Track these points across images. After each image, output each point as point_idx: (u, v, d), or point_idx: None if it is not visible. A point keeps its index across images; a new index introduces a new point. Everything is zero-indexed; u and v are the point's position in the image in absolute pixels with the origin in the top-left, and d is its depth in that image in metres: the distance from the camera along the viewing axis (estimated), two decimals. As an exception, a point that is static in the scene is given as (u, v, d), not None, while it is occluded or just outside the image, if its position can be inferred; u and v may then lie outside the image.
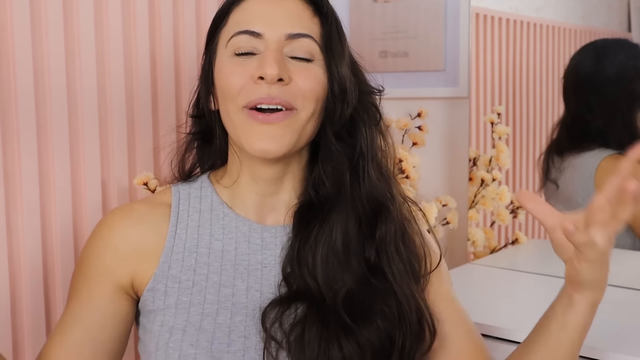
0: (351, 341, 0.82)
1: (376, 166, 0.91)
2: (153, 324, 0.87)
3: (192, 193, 0.92)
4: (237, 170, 0.90)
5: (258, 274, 0.88)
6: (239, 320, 0.85)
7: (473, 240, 1.65)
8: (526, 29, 1.73)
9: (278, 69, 0.82)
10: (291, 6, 0.86)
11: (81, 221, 1.26)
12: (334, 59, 0.87)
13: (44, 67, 1.19)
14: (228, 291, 0.87)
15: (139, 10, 1.33)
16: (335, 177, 0.90)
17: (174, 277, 0.87)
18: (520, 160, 1.76)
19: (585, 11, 1.71)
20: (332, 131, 0.88)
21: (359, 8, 1.79)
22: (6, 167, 1.15)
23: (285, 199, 0.91)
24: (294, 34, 0.84)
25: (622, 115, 1.56)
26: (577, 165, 1.61)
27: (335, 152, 0.89)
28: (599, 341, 1.11)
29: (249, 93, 0.83)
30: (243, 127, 0.84)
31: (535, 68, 1.74)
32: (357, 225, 0.88)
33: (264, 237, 0.90)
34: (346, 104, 0.88)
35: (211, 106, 0.91)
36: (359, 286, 0.85)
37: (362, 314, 0.84)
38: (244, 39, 0.84)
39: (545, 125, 1.74)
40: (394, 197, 0.92)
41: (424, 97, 1.71)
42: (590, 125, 1.59)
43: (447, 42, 1.68)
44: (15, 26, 1.14)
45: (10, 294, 1.16)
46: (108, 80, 1.29)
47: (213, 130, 0.92)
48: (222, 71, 0.86)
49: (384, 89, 0.95)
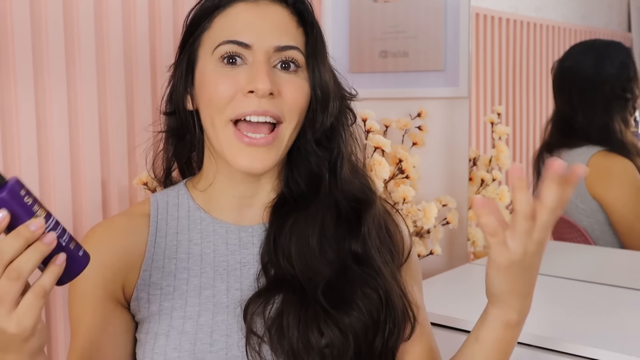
0: (332, 326, 0.83)
1: (351, 165, 0.93)
2: (140, 332, 0.87)
3: (170, 201, 0.92)
4: (213, 173, 0.90)
5: (237, 273, 0.88)
6: (220, 319, 0.86)
7: (473, 240, 1.65)
8: (526, 29, 1.73)
9: (270, 83, 0.82)
10: (278, 16, 0.86)
11: (81, 221, 1.26)
12: (318, 69, 0.88)
13: (44, 67, 1.19)
14: (209, 292, 0.87)
15: (139, 10, 1.33)
16: (311, 178, 0.91)
17: (155, 284, 0.87)
18: (520, 160, 1.76)
19: (585, 11, 1.72)
20: (313, 138, 0.90)
21: (359, 8, 1.79)
22: (6, 167, 1.16)
23: (263, 198, 0.92)
24: (282, 46, 0.85)
25: (600, 113, 1.58)
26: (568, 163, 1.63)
27: (314, 155, 0.90)
28: (599, 341, 1.11)
29: (237, 106, 0.83)
30: (229, 145, 0.84)
31: (535, 68, 1.74)
32: (336, 220, 0.89)
33: (241, 237, 0.90)
34: (327, 113, 0.89)
35: (188, 105, 0.90)
36: (338, 277, 0.86)
37: (343, 301, 0.85)
38: (231, 48, 0.84)
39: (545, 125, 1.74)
40: (374, 192, 0.93)
41: (424, 97, 1.71)
42: (573, 122, 1.61)
43: (447, 42, 1.68)
44: (15, 26, 1.15)
45: (11, 294, 1.16)
46: (108, 80, 1.29)
47: (190, 128, 0.91)
48: (209, 79, 0.85)
49: (357, 92, 0.96)
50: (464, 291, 1.43)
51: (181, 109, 0.91)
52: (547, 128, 1.69)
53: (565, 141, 1.64)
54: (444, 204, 1.58)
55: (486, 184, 1.67)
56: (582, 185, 1.60)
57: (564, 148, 1.64)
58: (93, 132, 1.26)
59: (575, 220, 1.63)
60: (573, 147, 1.63)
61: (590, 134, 1.60)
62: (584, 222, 1.61)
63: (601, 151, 1.58)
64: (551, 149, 1.67)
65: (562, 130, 1.65)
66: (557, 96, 1.68)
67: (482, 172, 1.68)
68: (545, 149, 1.68)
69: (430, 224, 1.49)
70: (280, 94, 0.84)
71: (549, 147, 1.67)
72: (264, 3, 0.87)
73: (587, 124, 1.60)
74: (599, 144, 1.59)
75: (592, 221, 1.60)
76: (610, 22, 1.66)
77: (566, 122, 1.64)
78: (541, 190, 0.70)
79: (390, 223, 0.94)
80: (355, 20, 1.80)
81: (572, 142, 1.63)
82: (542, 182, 0.70)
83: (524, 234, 0.72)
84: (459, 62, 1.66)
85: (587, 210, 1.60)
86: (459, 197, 1.65)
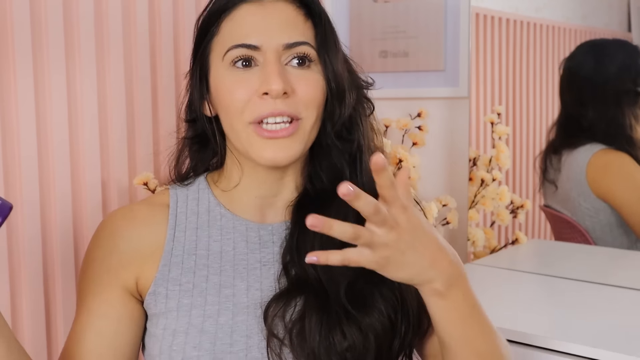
0: (353, 327, 0.82)
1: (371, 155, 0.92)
2: (156, 327, 0.87)
3: (190, 195, 0.92)
4: (238, 175, 0.90)
5: (257, 273, 0.88)
6: (240, 320, 0.85)
7: (473, 240, 1.65)
8: (526, 29, 1.73)
9: (282, 83, 0.82)
10: (284, 13, 0.86)
11: (81, 221, 1.26)
12: (330, 61, 0.87)
13: (44, 67, 1.19)
14: (228, 291, 0.87)
15: (139, 10, 1.33)
16: (333, 172, 0.90)
17: (174, 279, 0.87)
18: (520, 160, 1.76)
19: (585, 11, 1.72)
20: (333, 131, 0.89)
21: (359, 8, 1.79)
22: (6, 167, 1.16)
23: (286, 197, 0.92)
24: (291, 43, 0.84)
25: (611, 108, 1.59)
26: (571, 163, 1.63)
27: (335, 149, 0.90)
28: (599, 341, 1.11)
29: (254, 110, 0.83)
30: (251, 143, 0.84)
31: (535, 68, 1.74)
32: (357, 215, 0.88)
33: (261, 235, 0.90)
34: (344, 104, 0.88)
35: (206, 112, 0.90)
36: (358, 278, 0.85)
37: (364, 302, 0.84)
38: (240, 51, 0.84)
39: (545, 125, 1.74)
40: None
41: (424, 97, 1.71)
42: (581, 120, 1.61)
43: (447, 42, 1.68)
44: (15, 26, 1.15)
45: (11, 294, 1.16)
46: (108, 80, 1.29)
47: (210, 136, 0.92)
48: (223, 86, 0.85)
49: (374, 81, 0.95)
50: (464, 291, 1.43)
51: (201, 116, 0.91)
52: (552, 129, 1.69)
53: (569, 141, 1.65)
54: (444, 204, 1.58)
55: (486, 184, 1.67)
56: (584, 185, 1.60)
57: (567, 148, 1.65)
58: (93, 132, 1.26)
59: (577, 219, 1.63)
60: (576, 147, 1.63)
61: (598, 130, 1.60)
62: (587, 221, 1.61)
63: (605, 149, 1.59)
64: (557, 148, 1.67)
65: (567, 130, 1.66)
66: (565, 94, 1.68)
67: (482, 172, 1.68)
68: (551, 149, 1.69)
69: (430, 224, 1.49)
70: (294, 91, 0.84)
71: (554, 147, 1.68)
72: (268, 1, 0.86)
73: (597, 120, 1.60)
74: (603, 141, 1.59)
75: (594, 221, 1.60)
76: (610, 22, 1.66)
77: (573, 122, 1.65)
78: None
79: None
80: (355, 20, 1.80)
81: (575, 141, 1.63)
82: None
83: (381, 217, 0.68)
84: (459, 62, 1.66)
85: (590, 210, 1.60)
86: (459, 197, 1.65)
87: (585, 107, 1.62)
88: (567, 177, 1.65)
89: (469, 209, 1.67)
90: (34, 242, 1.18)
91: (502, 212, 1.68)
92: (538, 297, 1.40)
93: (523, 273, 1.54)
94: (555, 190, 1.68)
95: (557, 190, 1.68)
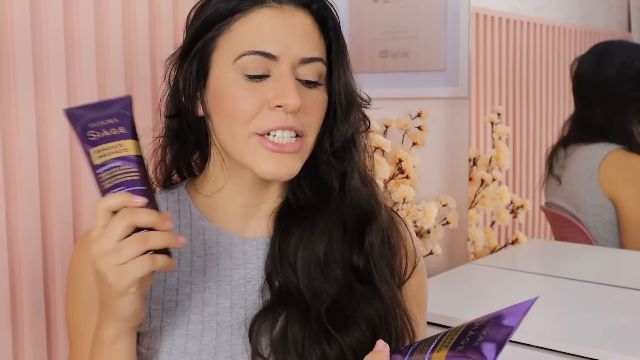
0: (334, 347, 0.81)
1: (359, 174, 0.90)
2: (141, 346, 0.85)
3: (170, 207, 0.89)
4: (222, 180, 0.87)
5: (242, 290, 0.86)
6: (224, 340, 0.84)
7: (473, 240, 1.65)
8: (526, 29, 1.73)
9: (299, 99, 0.78)
10: (303, 25, 0.82)
11: (81, 221, 1.26)
12: (345, 78, 0.85)
13: (44, 67, 1.19)
14: (212, 310, 0.85)
15: (139, 10, 1.33)
16: (318, 187, 0.88)
17: (156, 298, 0.85)
18: (520, 160, 1.76)
19: (585, 11, 1.72)
20: (330, 149, 0.87)
21: (359, 8, 1.79)
22: (6, 167, 1.16)
23: (269, 206, 0.89)
24: (308, 58, 0.81)
25: (618, 114, 1.58)
26: (583, 159, 1.63)
27: (327, 165, 0.88)
28: (599, 341, 1.11)
29: (263, 121, 0.79)
30: (254, 154, 0.81)
31: (535, 68, 1.74)
32: (342, 234, 0.87)
33: (246, 250, 0.88)
34: (349, 123, 0.87)
35: (198, 111, 0.85)
36: (342, 294, 0.84)
37: (346, 321, 0.83)
38: (257, 60, 0.79)
39: (545, 125, 1.74)
40: (380, 202, 0.90)
41: (424, 97, 1.71)
42: (594, 118, 1.61)
43: (447, 42, 1.68)
44: (15, 26, 1.15)
45: (10, 293, 1.16)
46: (108, 80, 1.29)
47: (193, 133, 0.88)
48: (230, 92, 0.80)
49: (370, 98, 0.93)
50: (463, 291, 1.43)
51: (187, 113, 0.86)
52: (565, 124, 1.68)
53: (582, 136, 1.64)
54: (444, 204, 1.58)
55: (486, 184, 1.67)
56: (595, 181, 1.60)
57: (581, 143, 1.64)
58: (93, 132, 1.26)
59: (579, 216, 1.62)
60: (590, 143, 1.63)
61: (609, 133, 1.60)
62: (589, 219, 1.61)
63: (620, 149, 1.58)
64: (567, 143, 1.67)
65: (580, 127, 1.65)
66: (576, 96, 1.68)
67: (482, 172, 1.68)
68: (561, 143, 1.68)
69: (430, 224, 1.49)
70: (304, 108, 0.81)
71: (565, 142, 1.67)
72: (288, 9, 0.81)
73: (605, 124, 1.60)
74: (617, 142, 1.59)
75: (597, 219, 1.60)
76: (610, 22, 1.66)
77: (584, 121, 1.64)
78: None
79: (394, 235, 0.91)
80: (355, 20, 1.80)
81: (589, 138, 1.63)
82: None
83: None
84: (459, 62, 1.67)
85: (595, 207, 1.60)
86: (459, 197, 1.65)
87: (593, 110, 1.61)
88: (575, 174, 1.65)
89: (469, 209, 1.67)
90: (34, 242, 1.18)
91: (502, 212, 1.68)
92: (538, 297, 1.40)
93: (523, 273, 1.54)
94: (559, 185, 1.68)
95: (562, 185, 1.68)
